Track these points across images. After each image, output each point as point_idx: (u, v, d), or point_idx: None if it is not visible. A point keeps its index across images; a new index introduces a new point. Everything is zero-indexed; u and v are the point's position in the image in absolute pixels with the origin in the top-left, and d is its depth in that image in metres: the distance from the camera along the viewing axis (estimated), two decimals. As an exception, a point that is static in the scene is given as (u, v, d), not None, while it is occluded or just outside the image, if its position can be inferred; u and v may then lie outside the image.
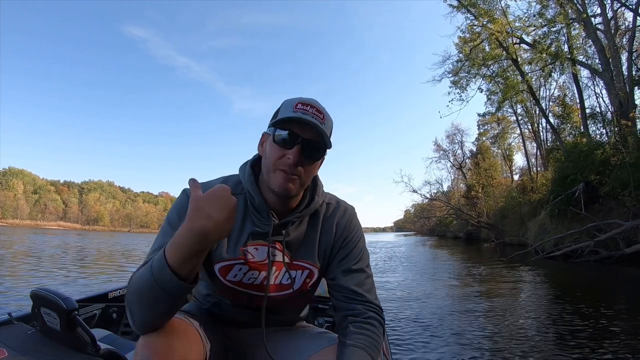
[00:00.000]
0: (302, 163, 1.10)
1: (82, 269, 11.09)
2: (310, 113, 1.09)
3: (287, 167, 1.09)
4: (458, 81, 23.90)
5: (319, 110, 1.12)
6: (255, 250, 1.19)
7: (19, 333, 1.58)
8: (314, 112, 1.10)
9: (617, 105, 16.75)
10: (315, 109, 1.11)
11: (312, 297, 1.40)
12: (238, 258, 1.18)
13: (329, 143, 1.12)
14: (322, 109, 1.13)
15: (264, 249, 1.19)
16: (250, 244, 1.18)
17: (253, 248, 1.18)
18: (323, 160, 1.19)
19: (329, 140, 1.12)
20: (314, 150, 1.11)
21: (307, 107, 1.10)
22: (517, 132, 37.96)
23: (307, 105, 1.11)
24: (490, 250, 21.35)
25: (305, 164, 1.11)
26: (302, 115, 1.08)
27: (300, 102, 1.11)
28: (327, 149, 1.14)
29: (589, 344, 3.88)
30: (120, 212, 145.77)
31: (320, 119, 1.10)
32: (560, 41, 20.48)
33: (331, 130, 1.16)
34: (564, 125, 25.72)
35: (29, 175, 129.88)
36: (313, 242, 1.26)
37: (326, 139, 1.11)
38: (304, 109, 1.10)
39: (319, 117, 1.10)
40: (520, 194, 29.08)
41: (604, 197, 14.73)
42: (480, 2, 21.28)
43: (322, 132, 1.09)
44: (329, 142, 1.12)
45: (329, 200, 1.32)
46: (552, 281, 9.32)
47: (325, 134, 1.10)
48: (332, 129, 1.17)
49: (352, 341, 1.10)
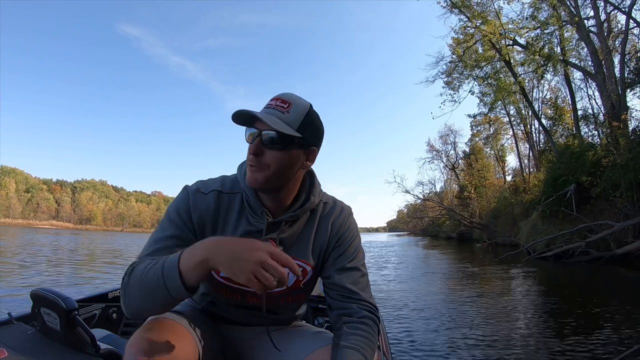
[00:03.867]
0: (263, 154, 1.09)
1: (81, 268, 11.04)
2: (273, 106, 1.10)
3: (250, 161, 1.11)
4: (451, 82, 24.00)
5: (283, 100, 1.11)
6: None
7: (19, 333, 1.58)
8: (277, 103, 1.10)
9: (609, 107, 16.89)
10: (279, 101, 1.11)
11: (307, 296, 1.39)
12: None
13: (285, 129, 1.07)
14: (289, 99, 1.11)
15: None
16: None
17: None
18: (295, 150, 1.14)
19: (285, 126, 1.08)
20: (270, 139, 1.08)
21: (272, 102, 1.11)
22: (510, 133, 38.05)
23: (274, 99, 1.11)
24: (483, 250, 21.42)
25: (267, 154, 1.10)
26: (264, 110, 1.10)
27: (271, 99, 1.12)
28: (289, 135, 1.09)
29: (579, 342, 3.93)
30: (113, 212, 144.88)
31: (283, 109, 1.09)
32: (553, 43, 20.61)
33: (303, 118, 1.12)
34: (556, 127, 25.84)
35: (21, 173, 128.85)
36: (308, 240, 1.26)
37: (278, 126, 1.06)
38: (268, 104, 1.11)
39: (281, 108, 1.09)
40: (513, 194, 29.14)
41: (596, 198, 14.86)
42: (474, 4, 21.35)
43: (274, 121, 1.06)
44: (285, 128, 1.08)
45: (326, 200, 1.32)
46: (543, 281, 9.38)
47: (279, 121, 1.07)
48: (301, 117, 1.12)
49: (346, 342, 1.11)
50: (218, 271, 1.19)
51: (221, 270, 0.89)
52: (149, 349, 0.96)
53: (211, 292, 1.28)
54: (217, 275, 1.21)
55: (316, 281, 1.34)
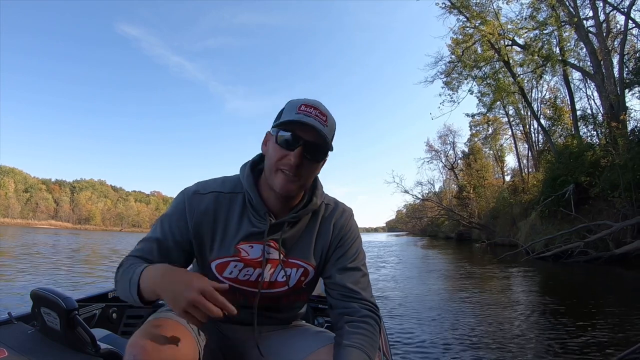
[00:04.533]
0: (303, 165, 1.11)
1: (81, 268, 11.02)
2: (313, 115, 1.10)
3: (288, 168, 1.10)
4: (450, 82, 24.00)
5: (322, 112, 1.12)
6: (250, 248, 1.20)
7: (19, 333, 1.59)
8: (317, 114, 1.11)
9: (607, 107, 16.91)
10: (318, 111, 1.11)
11: (309, 296, 1.40)
12: (233, 255, 1.20)
13: (330, 146, 1.13)
14: (325, 111, 1.14)
15: (259, 246, 1.20)
16: (245, 242, 1.20)
17: (248, 246, 1.20)
18: (324, 162, 1.20)
19: (331, 143, 1.13)
20: (315, 153, 1.12)
21: (310, 109, 1.11)
22: (509, 134, 38.06)
23: (310, 107, 1.11)
24: (482, 250, 21.44)
25: (306, 165, 1.12)
26: (305, 117, 1.09)
27: (304, 104, 1.12)
28: (329, 151, 1.15)
29: (577, 342, 3.95)
30: (111, 212, 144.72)
31: (323, 122, 1.11)
32: (552, 43, 20.63)
33: (334, 133, 1.18)
34: (555, 127, 25.85)
35: (20, 173, 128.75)
36: (309, 241, 1.27)
37: (328, 141, 1.11)
38: (306, 111, 1.10)
39: (322, 120, 1.11)
40: (512, 194, 29.16)
41: (594, 198, 14.87)
42: (473, 4, 21.35)
43: (324, 135, 1.10)
44: (330, 144, 1.13)
45: (327, 201, 1.33)
46: (542, 281, 9.40)
47: (327, 136, 1.11)
48: (334, 131, 1.18)
49: (348, 341, 1.11)
50: (221, 272, 1.21)
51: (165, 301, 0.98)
52: (150, 349, 0.97)
53: None
54: (220, 275, 1.22)
55: (317, 281, 1.35)
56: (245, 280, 1.22)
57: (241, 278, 1.22)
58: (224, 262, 1.21)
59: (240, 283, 1.23)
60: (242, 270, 1.21)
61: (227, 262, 1.21)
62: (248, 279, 1.22)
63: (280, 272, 1.24)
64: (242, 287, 1.23)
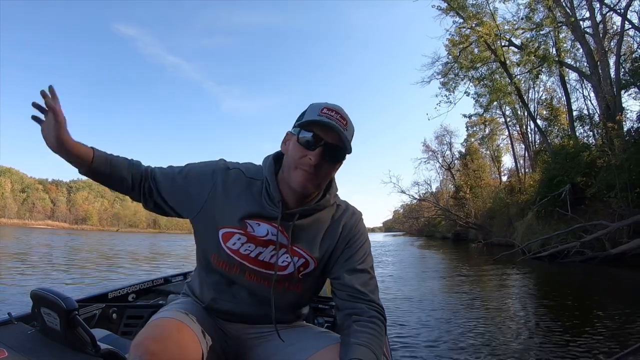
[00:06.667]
0: (322, 165, 1.16)
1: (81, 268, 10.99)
2: (335, 118, 1.15)
3: (307, 167, 1.15)
4: (447, 82, 24.03)
5: (342, 116, 1.18)
6: (257, 225, 1.24)
7: (19, 333, 1.58)
8: (338, 117, 1.16)
9: (604, 107, 16.96)
10: (339, 115, 1.17)
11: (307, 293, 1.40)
12: (239, 228, 1.24)
13: (349, 148, 1.18)
14: (345, 116, 1.19)
15: (266, 226, 1.24)
16: (254, 218, 1.24)
17: (255, 222, 1.24)
18: (341, 164, 1.25)
19: (350, 145, 1.18)
20: (335, 154, 1.18)
21: (332, 113, 1.16)
22: (505, 134, 38.13)
23: (332, 110, 1.17)
24: (478, 250, 21.47)
25: (325, 165, 1.17)
26: (327, 119, 1.14)
27: (326, 107, 1.17)
28: (347, 153, 1.20)
29: (573, 342, 3.96)
30: (108, 212, 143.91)
31: (343, 125, 1.17)
32: (548, 44, 20.67)
33: (352, 138, 1.22)
34: (552, 128, 25.91)
35: (16, 173, 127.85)
36: (317, 235, 1.30)
37: (347, 144, 1.17)
38: (328, 114, 1.16)
39: (342, 123, 1.16)
40: (508, 195, 29.12)
41: (590, 198, 14.89)
42: (469, 5, 21.38)
43: (344, 137, 1.15)
44: (349, 147, 1.18)
45: (339, 202, 1.37)
46: (538, 281, 9.43)
47: (347, 139, 1.16)
48: (352, 136, 1.23)
49: (356, 339, 1.12)
50: (225, 241, 1.25)
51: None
52: (155, 350, 0.98)
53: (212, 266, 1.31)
54: (224, 244, 1.25)
55: (318, 279, 1.37)
56: (246, 254, 1.26)
57: (242, 252, 1.26)
58: (230, 232, 1.25)
59: (241, 257, 1.26)
60: (244, 244, 1.25)
61: (233, 232, 1.25)
62: (248, 254, 1.26)
63: (282, 257, 1.27)
64: (241, 261, 1.26)
